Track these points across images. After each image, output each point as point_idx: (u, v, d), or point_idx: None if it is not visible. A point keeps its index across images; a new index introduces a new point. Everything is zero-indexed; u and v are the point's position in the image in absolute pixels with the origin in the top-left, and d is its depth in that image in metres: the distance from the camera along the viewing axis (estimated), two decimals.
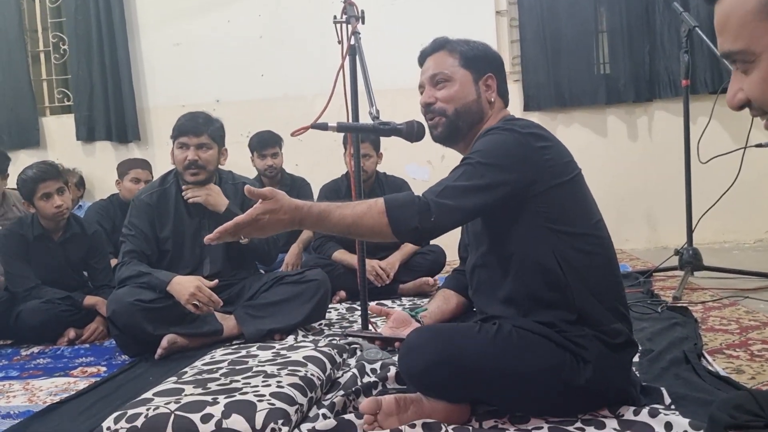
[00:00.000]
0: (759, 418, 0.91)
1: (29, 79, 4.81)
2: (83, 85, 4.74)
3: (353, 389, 1.61)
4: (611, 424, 1.38)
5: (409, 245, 3.19)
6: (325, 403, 1.56)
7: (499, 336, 1.39)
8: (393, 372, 1.68)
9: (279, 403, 1.44)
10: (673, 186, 3.61)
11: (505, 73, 1.68)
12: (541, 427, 1.38)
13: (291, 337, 2.42)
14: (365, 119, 1.92)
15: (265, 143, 3.78)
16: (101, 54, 4.69)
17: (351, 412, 1.51)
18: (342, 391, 1.59)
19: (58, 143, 4.86)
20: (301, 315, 2.47)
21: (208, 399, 1.46)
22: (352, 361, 1.95)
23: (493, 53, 1.66)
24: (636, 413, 1.40)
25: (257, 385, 1.56)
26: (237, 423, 1.37)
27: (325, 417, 1.47)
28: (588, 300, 1.42)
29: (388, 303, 3.03)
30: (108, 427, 1.41)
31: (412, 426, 1.35)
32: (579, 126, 4.58)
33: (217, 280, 2.38)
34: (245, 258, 2.68)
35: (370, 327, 2.23)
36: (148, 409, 1.43)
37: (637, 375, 1.63)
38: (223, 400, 1.44)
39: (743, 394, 1.00)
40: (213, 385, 1.59)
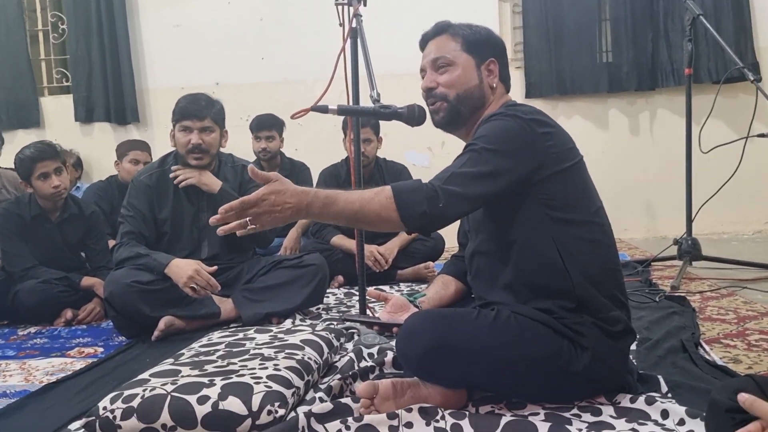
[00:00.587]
0: None
1: (28, 59, 4.78)
2: (82, 65, 4.71)
3: (350, 373, 1.61)
4: (608, 411, 1.38)
5: None
6: (322, 386, 1.56)
7: (497, 322, 1.39)
8: (390, 357, 1.68)
9: (276, 386, 1.44)
10: (674, 176, 3.60)
11: (508, 58, 1.66)
12: (538, 413, 1.38)
13: (288, 321, 2.43)
14: (366, 103, 1.90)
15: (260, 125, 3.72)
16: (100, 34, 4.66)
17: (348, 396, 1.51)
18: (339, 375, 1.59)
19: (56, 124, 4.83)
20: (299, 299, 2.47)
21: (205, 381, 1.46)
22: (350, 346, 1.96)
23: (495, 38, 1.64)
24: (633, 401, 1.40)
25: (254, 368, 1.55)
26: (233, 405, 1.37)
27: (321, 400, 1.47)
28: (587, 288, 1.41)
29: (387, 288, 3.03)
30: (104, 407, 1.40)
31: (409, 410, 1.35)
32: (580, 114, 4.56)
33: (215, 266, 2.37)
34: (243, 241, 2.67)
35: (368, 312, 2.23)
36: (144, 390, 1.43)
37: (635, 363, 1.64)
38: (219, 382, 1.44)
39: (744, 379, 1.00)
40: (210, 367, 1.58)
